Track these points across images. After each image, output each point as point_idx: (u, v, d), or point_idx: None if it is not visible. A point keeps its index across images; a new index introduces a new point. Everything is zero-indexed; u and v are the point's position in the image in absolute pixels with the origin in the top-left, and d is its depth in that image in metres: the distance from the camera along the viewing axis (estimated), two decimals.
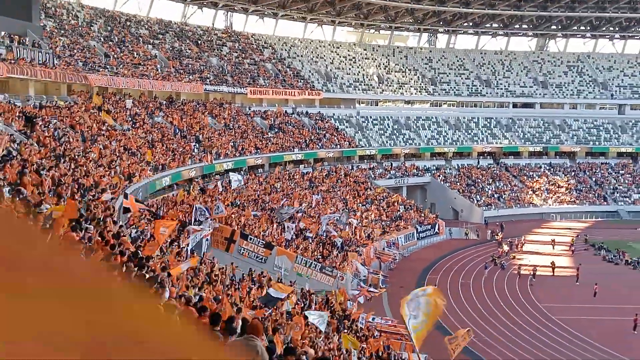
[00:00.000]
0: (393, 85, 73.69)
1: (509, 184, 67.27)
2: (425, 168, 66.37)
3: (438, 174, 65.99)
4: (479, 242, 52.87)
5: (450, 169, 67.48)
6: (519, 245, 50.76)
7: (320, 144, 59.82)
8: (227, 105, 56.59)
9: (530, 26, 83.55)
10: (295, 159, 56.46)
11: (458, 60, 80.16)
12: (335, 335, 22.78)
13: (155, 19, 62.08)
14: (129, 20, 57.80)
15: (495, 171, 68.99)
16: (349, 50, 77.10)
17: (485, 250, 49.29)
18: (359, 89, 71.29)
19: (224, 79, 58.36)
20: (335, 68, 72.58)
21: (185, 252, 23.71)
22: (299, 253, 35.51)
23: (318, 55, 73.52)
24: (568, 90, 78.75)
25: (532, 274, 41.20)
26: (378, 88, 72.56)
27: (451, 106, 75.52)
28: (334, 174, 57.10)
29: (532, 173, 70.19)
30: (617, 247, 49.59)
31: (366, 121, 68.66)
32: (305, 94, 65.04)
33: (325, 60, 73.16)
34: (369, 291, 34.92)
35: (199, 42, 62.78)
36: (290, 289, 23.94)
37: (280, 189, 48.03)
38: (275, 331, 13.70)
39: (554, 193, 67.20)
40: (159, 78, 49.73)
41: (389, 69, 75.99)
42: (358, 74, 73.07)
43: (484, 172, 68.07)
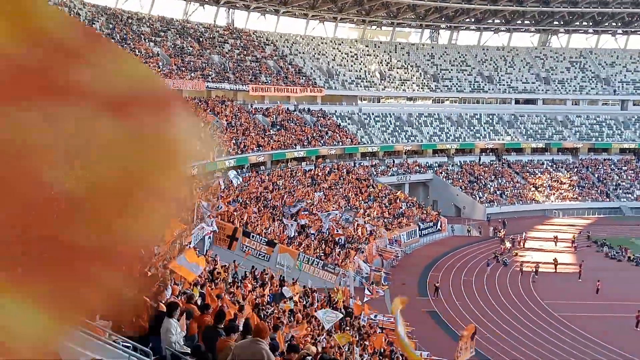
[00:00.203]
0: (395, 82, 73.58)
1: (511, 181, 67.18)
2: (427, 165, 66.32)
3: (440, 170, 65.92)
4: (482, 239, 52.86)
5: (452, 166, 67.41)
6: (521, 242, 50.73)
7: (322, 141, 59.80)
8: (229, 103, 56.61)
9: (533, 22, 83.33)
10: (297, 157, 56.47)
11: (460, 57, 79.99)
12: (338, 332, 22.83)
13: (157, 16, 62.08)
14: (131, 17, 57.81)
15: (497, 168, 68.90)
16: (350, 47, 76.99)
17: (487, 247, 49.29)
18: (361, 86, 71.20)
19: (226, 76, 58.35)
20: (337, 65, 72.49)
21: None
22: (302, 250, 35.56)
23: (320, 52, 73.43)
24: (570, 86, 78.56)
25: (535, 270, 41.19)
26: (380, 85, 72.47)
27: (453, 102, 75.40)
28: (336, 171, 57.10)
29: (535, 169, 70.07)
30: (620, 244, 49.56)
31: (368, 118, 68.60)
32: (307, 91, 65.00)
33: (327, 57, 73.08)
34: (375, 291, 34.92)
35: (201, 40, 62.76)
36: (299, 290, 24.14)
37: (282, 186, 48.05)
38: (277, 329, 13.72)
39: (556, 189, 67.09)
40: (161, 75, 49.75)
41: (391, 65, 75.87)
42: (360, 71, 72.97)
43: (487, 169, 67.99)
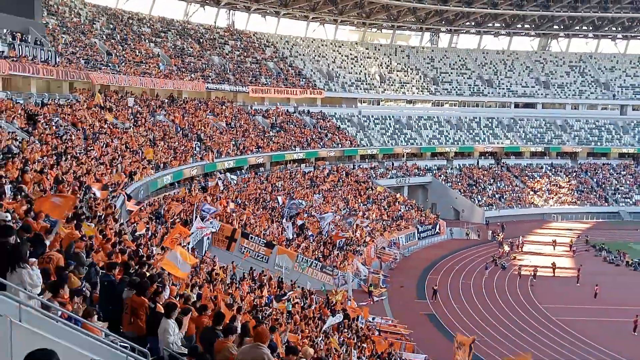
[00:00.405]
0: (395, 85, 73.64)
1: (510, 184, 67.22)
2: (426, 168, 66.36)
3: (439, 173, 65.96)
4: (480, 243, 52.89)
5: (451, 169, 67.45)
6: (519, 246, 50.75)
7: (321, 143, 59.81)
8: (229, 104, 56.61)
9: (533, 26, 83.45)
10: (297, 158, 56.48)
11: (460, 60, 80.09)
12: (336, 334, 22.81)
13: (158, 17, 62.12)
14: (132, 18, 57.81)
15: (496, 171, 68.94)
16: (350, 49, 77.06)
17: (486, 251, 49.30)
18: (360, 88, 71.25)
19: (226, 78, 58.35)
20: (337, 67, 72.55)
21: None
22: (300, 252, 35.54)
23: (320, 54, 73.50)
24: (570, 90, 78.66)
25: (533, 274, 41.19)
26: (380, 87, 72.53)
27: (453, 106, 75.46)
28: (335, 173, 57.11)
29: (534, 173, 70.13)
30: (618, 248, 49.60)
31: (368, 120, 68.63)
32: (307, 93, 65.04)
33: (327, 59, 73.14)
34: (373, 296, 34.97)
35: (201, 41, 62.78)
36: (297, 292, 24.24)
37: (281, 187, 48.06)
38: (274, 330, 13.71)
39: (555, 194, 67.14)
40: (161, 76, 49.73)
41: (390, 68, 75.95)
42: (360, 73, 73.02)
43: (485, 172, 68.03)
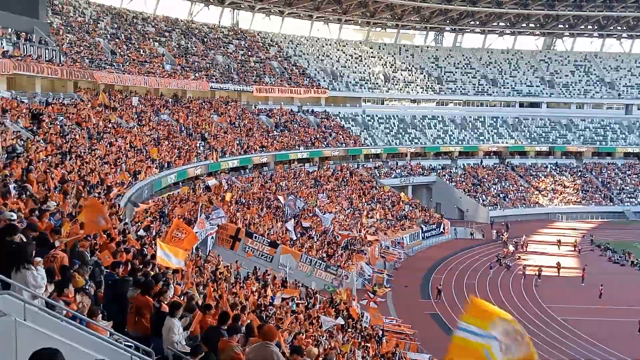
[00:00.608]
0: (399, 84, 73.53)
1: (514, 184, 67.04)
2: (430, 167, 66.25)
3: (444, 173, 65.83)
4: (484, 242, 52.73)
5: (456, 169, 67.30)
6: (523, 246, 50.59)
7: (325, 143, 59.78)
8: (233, 103, 56.64)
9: (537, 25, 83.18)
10: (301, 158, 56.45)
11: (464, 59, 79.91)
12: (340, 333, 22.77)
13: (162, 16, 62.18)
14: (136, 17, 57.89)
15: (501, 171, 68.77)
16: (355, 49, 76.99)
17: (490, 250, 49.16)
18: (365, 88, 71.18)
19: (230, 77, 58.39)
20: (342, 66, 72.50)
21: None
22: (304, 252, 35.51)
23: (324, 53, 73.45)
24: (575, 89, 78.39)
25: (538, 274, 41.05)
26: (384, 87, 72.44)
27: (457, 105, 75.31)
28: (340, 172, 57.07)
29: (538, 173, 69.93)
30: (623, 248, 49.37)
31: (372, 120, 68.56)
32: (311, 92, 65.02)
33: (331, 58, 73.09)
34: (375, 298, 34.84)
35: (205, 40, 62.84)
36: (296, 292, 24.19)
37: (285, 187, 48.04)
38: (277, 329, 13.71)
39: (560, 193, 66.92)
40: (165, 76, 49.78)
41: (395, 67, 75.84)
42: (364, 73, 72.95)
43: (490, 172, 67.86)
